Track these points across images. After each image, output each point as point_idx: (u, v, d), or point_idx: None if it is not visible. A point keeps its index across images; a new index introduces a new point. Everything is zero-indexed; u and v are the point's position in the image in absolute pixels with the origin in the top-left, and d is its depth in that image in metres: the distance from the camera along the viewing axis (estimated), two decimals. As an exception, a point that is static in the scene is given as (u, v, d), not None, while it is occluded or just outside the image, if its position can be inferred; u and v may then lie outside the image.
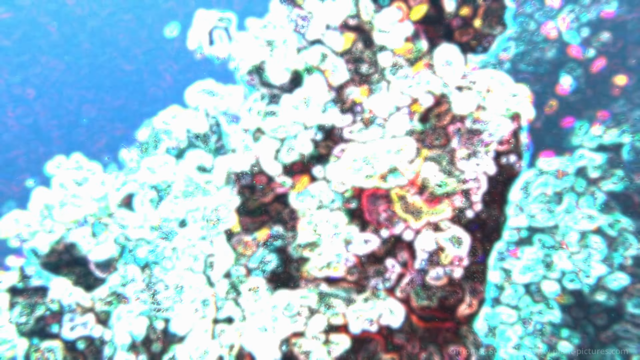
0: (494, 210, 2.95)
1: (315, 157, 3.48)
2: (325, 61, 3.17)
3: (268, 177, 3.59)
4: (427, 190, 2.92)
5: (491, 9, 3.30)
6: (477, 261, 2.99)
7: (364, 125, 3.24)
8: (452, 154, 3.01)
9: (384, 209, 3.09)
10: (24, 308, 4.08)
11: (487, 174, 2.83)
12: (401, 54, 3.14)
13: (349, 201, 3.13)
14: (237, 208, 3.68)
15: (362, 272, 3.26)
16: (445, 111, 3.00)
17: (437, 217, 2.90)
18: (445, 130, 3.04)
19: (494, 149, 2.77)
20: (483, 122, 2.85)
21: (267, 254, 3.35)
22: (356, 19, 3.13)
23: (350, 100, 3.19)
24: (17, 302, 4.05)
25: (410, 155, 2.94)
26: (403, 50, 3.12)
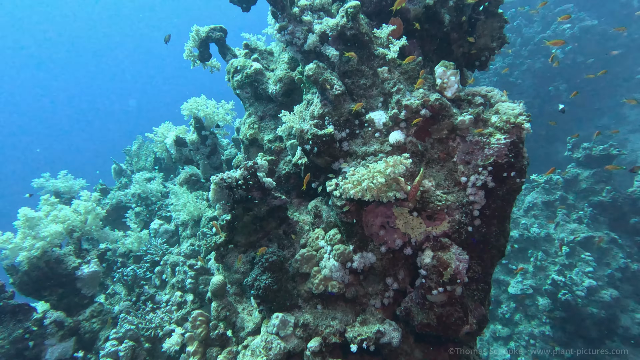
0: (494, 227, 2.90)
1: (312, 170, 3.40)
2: (322, 73, 3.13)
3: (264, 189, 3.49)
4: (426, 205, 2.86)
5: (489, 24, 3.31)
6: (478, 278, 2.92)
7: (363, 139, 3.19)
8: (452, 168, 2.97)
9: (383, 224, 3.01)
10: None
11: (487, 188, 2.79)
12: (401, 67, 3.12)
13: (348, 216, 3.05)
14: (230, 222, 3.56)
15: (360, 290, 3.16)
16: (444, 125, 2.96)
17: (437, 233, 2.84)
18: (445, 144, 3.00)
19: (494, 163, 2.72)
20: (483, 135, 2.81)
21: (261, 271, 3.23)
22: (352, 30, 3.10)
23: (347, 111, 3.14)
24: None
25: (409, 169, 2.88)
26: (405, 62, 3.10)
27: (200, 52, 4.33)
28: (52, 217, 4.96)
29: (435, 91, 3.05)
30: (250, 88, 4.03)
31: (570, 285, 8.86)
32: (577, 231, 9.81)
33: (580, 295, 8.74)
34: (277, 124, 4.00)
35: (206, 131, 4.48)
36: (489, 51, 3.41)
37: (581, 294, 8.76)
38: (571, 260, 9.49)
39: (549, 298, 9.22)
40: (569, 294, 8.75)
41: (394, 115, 3.03)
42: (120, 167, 8.92)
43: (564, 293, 8.76)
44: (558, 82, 14.38)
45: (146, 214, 7.32)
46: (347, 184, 2.79)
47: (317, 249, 3.35)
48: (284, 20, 3.24)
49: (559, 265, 9.50)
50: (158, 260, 5.85)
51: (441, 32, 3.36)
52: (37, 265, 4.44)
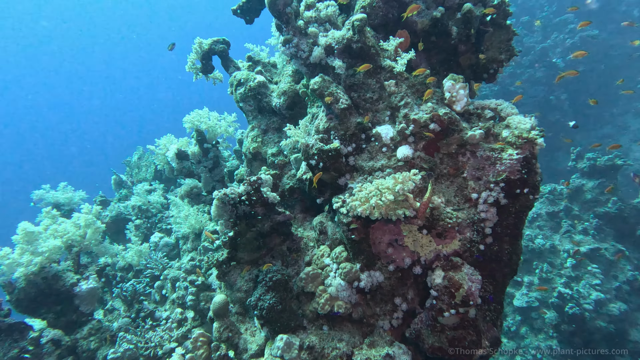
0: (506, 244, 2.80)
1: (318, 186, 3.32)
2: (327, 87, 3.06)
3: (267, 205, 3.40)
4: (436, 222, 2.76)
5: (497, 36, 3.25)
6: (490, 298, 2.81)
7: (369, 154, 3.11)
8: (462, 184, 2.88)
9: (391, 242, 2.92)
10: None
11: (499, 205, 2.69)
12: (409, 81, 3.05)
13: (354, 233, 2.95)
14: (232, 239, 3.46)
15: (367, 310, 3.05)
16: (453, 139, 2.88)
17: (447, 251, 2.74)
18: (454, 159, 2.92)
19: (506, 179, 2.64)
20: (494, 150, 2.73)
21: (265, 290, 3.12)
22: (359, 43, 3.04)
23: (355, 124, 3.06)
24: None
25: (418, 185, 2.79)
26: (416, 73, 3.03)
27: (203, 64, 4.28)
28: (51, 231, 4.86)
29: (444, 105, 2.98)
30: (254, 101, 3.97)
31: (577, 299, 8.69)
32: (583, 242, 9.68)
33: (588, 309, 8.57)
34: (280, 137, 3.93)
35: (208, 144, 4.40)
36: (497, 63, 3.34)
37: (589, 307, 8.58)
38: (577, 272, 9.33)
39: (555, 311, 9.05)
40: (576, 307, 8.57)
41: (401, 130, 2.95)
42: (120, 178, 8.85)
43: (572, 306, 8.59)
44: (559, 91, 14.37)
45: (146, 227, 7.22)
46: (355, 201, 2.70)
47: (323, 267, 3.24)
48: (289, 33, 3.18)
49: (565, 277, 9.34)
50: (158, 274, 5.73)
51: (448, 45, 3.30)
52: (34, 282, 4.33)
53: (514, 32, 3.23)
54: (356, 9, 3.23)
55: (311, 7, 3.27)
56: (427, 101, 2.97)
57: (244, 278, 3.46)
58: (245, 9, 3.93)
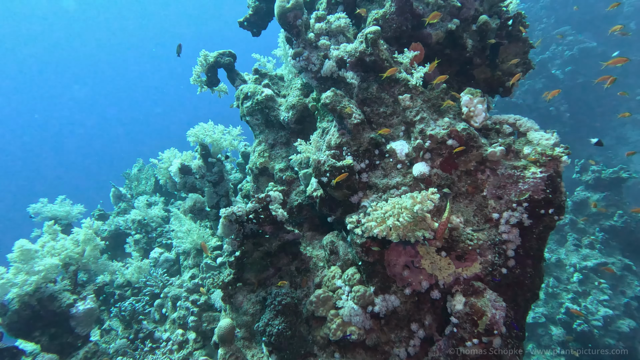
0: (529, 267, 2.65)
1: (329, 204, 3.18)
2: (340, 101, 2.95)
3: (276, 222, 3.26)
4: (455, 244, 2.62)
5: (513, 48, 3.16)
6: (513, 325, 2.65)
7: (383, 170, 2.98)
8: (481, 203, 2.75)
9: (407, 264, 2.77)
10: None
11: (523, 226, 2.56)
12: (424, 95, 2.94)
13: (368, 254, 2.80)
14: (239, 259, 3.31)
15: (382, 336, 2.88)
16: (472, 156, 2.76)
17: (467, 275, 2.59)
18: (473, 176, 2.79)
19: (529, 199, 2.51)
20: (516, 168, 2.61)
21: (274, 314, 2.95)
22: (372, 56, 2.94)
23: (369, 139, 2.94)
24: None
25: (436, 205, 2.65)
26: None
27: (208, 77, 4.18)
28: (49, 249, 4.69)
29: (462, 120, 2.87)
30: (261, 115, 3.85)
31: (585, 315, 8.50)
32: (590, 257, 9.53)
33: (597, 326, 8.36)
34: (288, 152, 3.80)
35: (213, 158, 4.27)
36: (513, 76, 3.24)
37: (597, 324, 8.38)
38: (585, 287, 9.16)
39: (563, 328, 8.83)
40: (584, 324, 8.37)
41: (417, 146, 2.83)
42: (119, 191, 8.68)
43: (580, 323, 8.38)
44: (559, 102, 14.38)
45: (145, 242, 7.04)
46: (370, 222, 2.56)
47: (334, 290, 3.08)
48: (299, 46, 3.08)
49: (572, 293, 9.16)
50: (158, 292, 5.54)
51: (463, 57, 3.21)
52: (28, 304, 4.13)
53: (530, 45, 3.15)
54: (368, 22, 3.14)
55: (322, 20, 3.18)
56: (447, 107, 2.85)
57: (251, 301, 3.29)
58: (252, 22, 3.85)
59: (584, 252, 9.63)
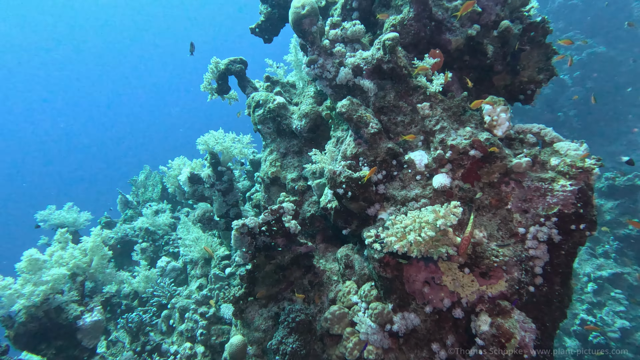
0: (557, 285, 2.51)
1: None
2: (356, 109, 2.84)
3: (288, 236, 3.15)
4: (479, 260, 2.49)
5: (535, 54, 3.04)
6: (540, 346, 2.50)
7: (401, 182, 2.86)
8: (506, 216, 2.62)
9: (427, 280, 2.64)
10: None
11: (552, 242, 2.42)
12: (444, 103, 2.83)
13: (387, 270, 2.68)
14: (250, 272, 3.20)
15: (400, 356, 2.74)
16: (496, 167, 2.64)
17: (492, 293, 2.45)
18: (497, 188, 2.66)
19: (559, 213, 2.37)
20: (543, 180, 2.48)
21: (287, 332, 2.83)
22: (390, 63, 2.84)
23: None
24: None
25: (458, 219, 2.53)
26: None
27: (219, 84, 4.10)
28: (57, 258, 4.61)
29: (483, 129, 2.75)
30: (273, 123, 3.76)
31: (601, 327, 8.25)
32: (604, 266, 9.29)
33: (614, 338, 8.11)
34: (300, 161, 3.70)
35: (222, 167, 4.19)
36: (535, 84, 3.13)
37: (614, 336, 8.13)
38: (600, 298, 8.91)
39: (578, 340, 8.58)
40: (601, 336, 8.12)
41: (438, 157, 2.71)
42: (126, 198, 8.64)
43: (596, 335, 8.13)
44: (567, 108, 14.17)
45: (152, 250, 6.96)
46: (390, 237, 2.44)
47: (350, 306, 2.96)
48: (314, 54, 2.99)
49: (587, 303, 8.92)
50: (165, 303, 5.44)
51: (483, 64, 3.10)
52: (35, 315, 4.05)
53: (554, 51, 3.03)
54: (385, 28, 3.04)
55: (337, 26, 3.09)
56: (465, 125, 2.74)
57: (262, 316, 3.17)
58: (264, 28, 3.77)
59: (599, 261, 9.40)
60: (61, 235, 5.02)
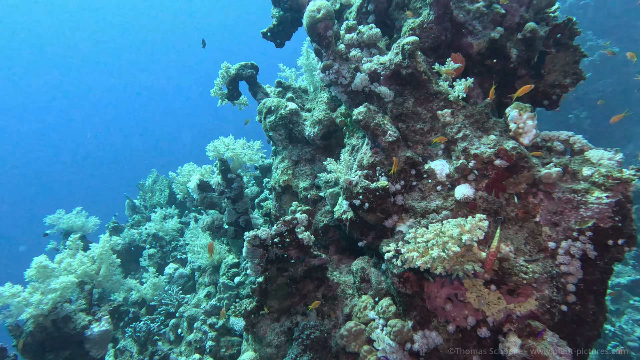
0: (590, 303, 2.36)
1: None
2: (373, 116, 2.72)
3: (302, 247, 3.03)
4: (507, 277, 2.35)
5: (561, 57, 2.89)
6: (573, 368, 2.34)
7: (421, 192, 2.73)
8: (534, 229, 2.47)
9: (449, 296, 2.50)
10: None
11: (586, 258, 2.27)
12: (466, 110, 2.69)
13: (407, 286, 2.55)
14: (262, 285, 3.08)
15: (422, 376, 2.60)
16: (522, 177, 2.49)
17: (521, 312, 2.30)
18: (524, 200, 2.52)
19: (594, 227, 2.22)
20: (576, 192, 2.33)
21: (301, 350, 2.71)
22: (409, 68, 2.71)
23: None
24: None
25: (483, 232, 2.39)
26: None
27: (229, 90, 4.00)
28: (65, 266, 4.55)
29: (509, 137, 2.60)
30: (285, 130, 3.65)
31: (621, 336, 7.99)
32: (622, 273, 9.02)
33: (634, 347, 7.85)
34: (313, 169, 3.58)
35: (232, 174, 4.08)
36: (560, 89, 2.98)
37: (634, 345, 7.87)
38: (618, 306, 8.64)
39: (595, 349, 8.32)
40: (620, 345, 7.86)
41: (460, 166, 2.57)
42: (134, 202, 8.59)
43: (615, 345, 7.87)
44: (579, 109, 13.88)
45: (160, 256, 6.88)
46: (412, 252, 2.31)
47: (367, 322, 2.82)
48: (329, 59, 2.87)
49: (605, 311, 8.63)
50: (173, 311, 5.34)
51: (506, 68, 2.95)
52: (43, 325, 3.98)
53: (582, 54, 2.88)
54: (404, 31, 2.91)
55: (353, 30, 2.97)
56: (489, 132, 2.60)
57: (275, 331, 3.05)
58: (276, 32, 3.67)
59: (616, 268, 9.12)
60: (73, 241, 4.96)
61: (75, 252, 4.87)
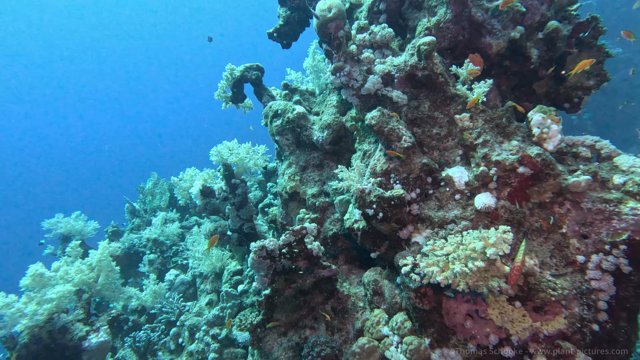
0: (622, 321, 2.20)
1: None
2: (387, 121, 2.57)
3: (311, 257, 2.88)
4: (533, 293, 2.19)
5: (585, 57, 2.74)
6: (604, 391, 2.19)
7: (438, 201, 2.57)
8: (560, 241, 2.32)
9: (469, 312, 2.35)
10: None
11: (620, 273, 2.12)
12: (486, 114, 2.54)
13: (424, 301, 2.39)
14: (269, 298, 2.93)
15: (440, 398, 2.44)
16: (548, 186, 2.34)
17: (549, 331, 2.15)
18: (549, 209, 2.36)
19: (629, 241, 2.07)
20: (607, 202, 2.17)
21: (311, 368, 2.55)
22: (425, 70, 2.56)
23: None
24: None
25: (509, 246, 2.23)
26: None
27: (233, 92, 3.86)
28: (62, 274, 4.39)
29: (532, 143, 2.45)
30: (292, 134, 3.50)
31: None
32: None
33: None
34: (321, 175, 3.43)
35: (236, 179, 3.93)
36: (583, 90, 2.83)
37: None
38: None
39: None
40: None
41: (481, 174, 2.42)
42: (133, 206, 8.43)
43: None
44: (582, 110, 13.74)
45: (160, 262, 6.72)
46: (431, 267, 2.15)
47: (380, 338, 2.66)
48: (340, 60, 2.73)
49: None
50: (174, 320, 5.18)
51: (526, 69, 2.81)
52: (38, 336, 3.82)
53: (606, 54, 2.73)
54: (419, 31, 2.77)
55: (364, 30, 2.82)
56: (510, 138, 2.45)
57: (282, 346, 2.89)
58: (282, 32, 3.52)
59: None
60: (73, 248, 4.82)
61: (74, 259, 4.72)
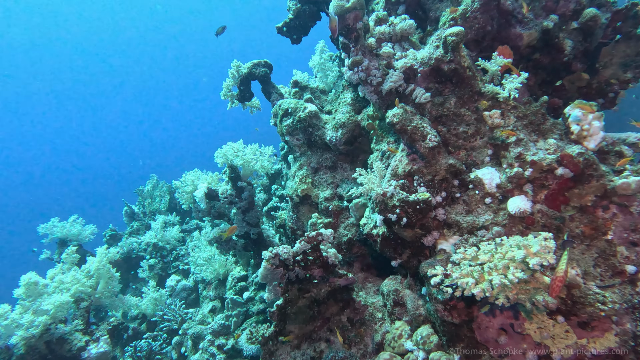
0: (675, 336, 2.00)
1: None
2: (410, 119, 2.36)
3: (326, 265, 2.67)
4: (578, 307, 1.99)
5: (621, 49, 2.55)
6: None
7: (466, 205, 2.37)
8: (605, 249, 2.12)
9: (504, 327, 2.15)
10: None
11: (673, 285, 1.92)
12: (518, 111, 2.34)
13: (453, 314, 2.19)
14: (281, 308, 2.72)
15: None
16: (590, 188, 2.14)
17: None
18: (591, 214, 2.16)
19: (684, 250, 1.87)
20: (658, 208, 1.98)
21: (329, 387, 2.35)
22: (452, 64, 2.36)
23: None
24: None
25: (554, 255, 2.03)
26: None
27: (240, 91, 3.65)
28: (58, 283, 4.17)
29: (570, 141, 2.25)
30: (303, 134, 3.29)
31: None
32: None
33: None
34: (335, 177, 3.22)
35: (242, 182, 3.72)
36: (619, 84, 2.63)
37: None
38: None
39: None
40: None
41: (515, 175, 2.22)
42: (132, 209, 8.21)
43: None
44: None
45: (161, 267, 6.50)
46: (465, 278, 1.95)
47: (402, 353, 2.46)
48: (358, 54, 2.53)
49: None
50: (176, 328, 4.97)
51: (558, 62, 2.61)
52: (35, 347, 3.61)
53: (646, 47, 2.53)
54: (443, 22, 2.57)
55: (384, 22, 2.62)
56: (546, 136, 2.25)
57: None
58: (292, 27, 3.33)
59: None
60: (69, 255, 4.61)
61: (70, 266, 4.51)
